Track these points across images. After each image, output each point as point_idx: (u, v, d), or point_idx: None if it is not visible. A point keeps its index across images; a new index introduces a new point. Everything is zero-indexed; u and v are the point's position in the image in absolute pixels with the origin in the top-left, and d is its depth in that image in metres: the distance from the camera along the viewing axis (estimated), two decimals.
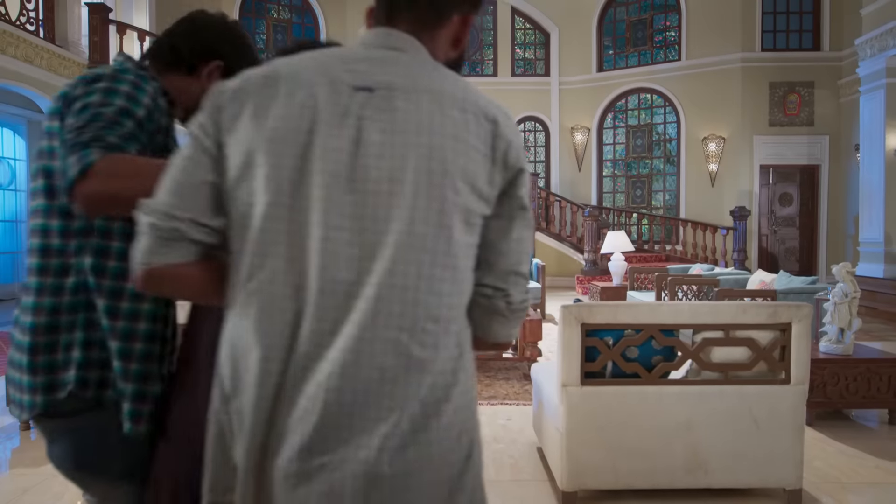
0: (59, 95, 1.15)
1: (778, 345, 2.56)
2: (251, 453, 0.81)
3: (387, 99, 0.84)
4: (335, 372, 0.78)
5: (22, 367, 1.12)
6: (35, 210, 1.15)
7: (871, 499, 2.67)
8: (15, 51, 7.53)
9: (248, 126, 0.83)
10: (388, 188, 0.81)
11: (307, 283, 0.81)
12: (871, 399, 3.56)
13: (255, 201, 0.82)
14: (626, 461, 2.54)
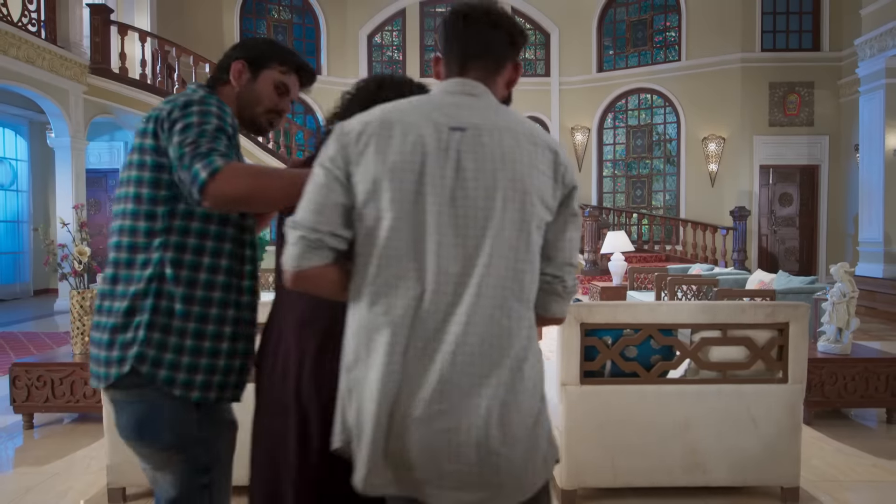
0: (149, 117, 1.35)
1: (775, 344, 2.59)
2: (382, 405, 1.06)
3: (476, 136, 1.12)
4: (450, 341, 1.06)
5: (102, 344, 1.33)
6: (123, 213, 1.36)
7: (867, 497, 2.69)
8: (17, 52, 7.56)
9: (373, 160, 1.10)
10: (484, 204, 1.09)
11: (426, 277, 1.08)
12: (869, 398, 3.59)
13: (382, 216, 1.09)
14: (625, 459, 2.56)
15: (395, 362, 1.06)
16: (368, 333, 1.09)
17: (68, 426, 3.68)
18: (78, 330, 3.73)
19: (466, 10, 1.22)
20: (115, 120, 10.05)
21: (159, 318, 1.31)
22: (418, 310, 1.07)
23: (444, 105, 1.16)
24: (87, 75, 8.93)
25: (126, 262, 1.34)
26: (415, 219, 1.08)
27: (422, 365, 1.06)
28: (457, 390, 1.05)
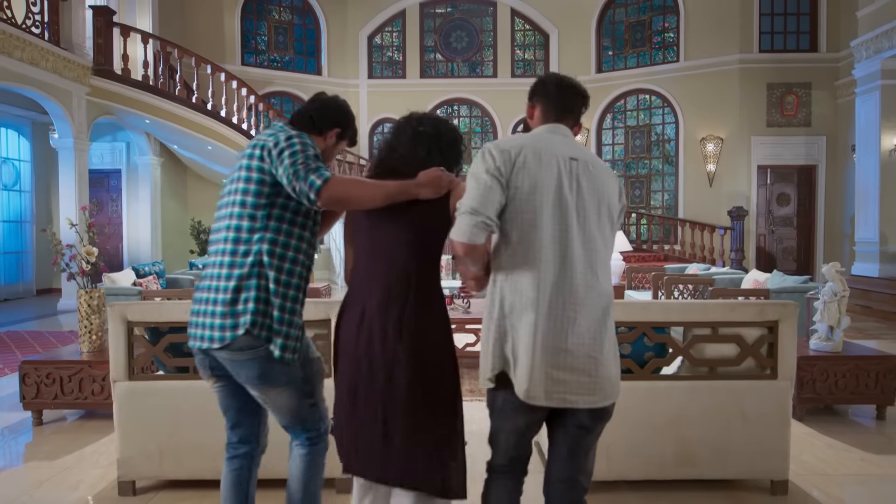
0: (255, 144, 1.83)
1: (765, 341, 2.67)
2: (536, 341, 1.60)
3: (584, 165, 1.70)
4: (580, 298, 1.63)
5: (215, 314, 1.78)
6: (230, 215, 1.83)
7: (854, 490, 2.77)
8: (21, 53, 7.63)
9: (532, 173, 1.64)
10: (595, 211, 1.68)
11: (566, 253, 1.63)
12: (860, 395, 3.67)
13: (538, 212, 1.63)
14: (619, 453, 2.64)
15: (542, 313, 1.60)
16: (522, 292, 1.62)
17: (76, 423, 3.76)
18: (86, 329, 3.81)
19: (564, 79, 1.84)
20: (118, 121, 10.13)
21: (261, 293, 1.77)
22: (560, 278, 1.62)
23: (556, 143, 1.71)
24: (90, 77, 9.01)
25: (231, 252, 1.80)
26: (558, 218, 1.64)
27: (563, 314, 1.60)
28: (584, 332, 1.62)
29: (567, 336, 1.60)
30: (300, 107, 2.00)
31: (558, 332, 1.60)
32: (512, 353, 1.63)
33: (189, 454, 2.67)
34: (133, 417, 2.66)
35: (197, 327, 1.83)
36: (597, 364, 1.63)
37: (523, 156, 1.64)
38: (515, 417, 1.70)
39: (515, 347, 1.62)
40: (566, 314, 1.61)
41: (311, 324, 2.68)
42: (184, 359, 2.71)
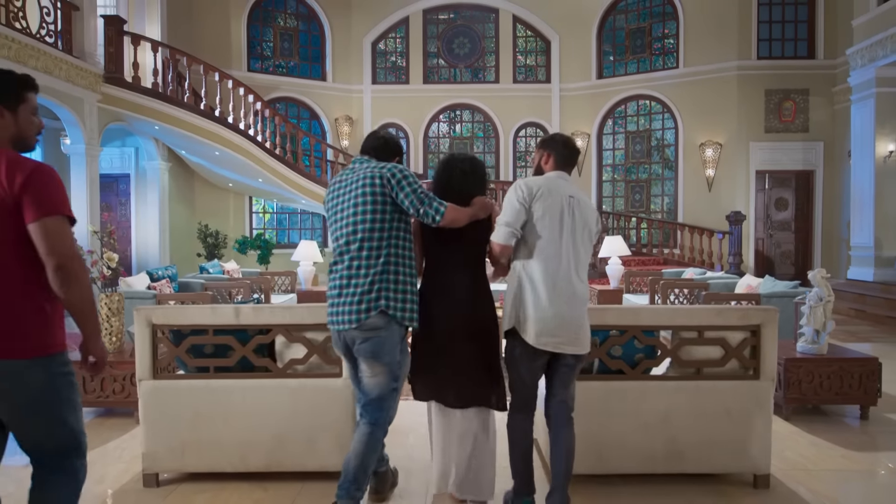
0: (375, 175, 2.45)
1: (749, 344, 2.85)
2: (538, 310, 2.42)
3: (577, 201, 2.52)
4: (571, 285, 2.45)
5: (353, 302, 2.40)
6: (363, 229, 2.43)
7: (832, 484, 2.94)
8: (36, 62, 7.85)
9: (545, 203, 2.46)
10: (581, 232, 2.50)
11: (561, 256, 2.45)
12: (843, 395, 3.84)
13: (546, 228, 2.46)
14: (611, 449, 2.83)
15: (548, 295, 2.41)
16: (533, 277, 2.45)
17: (96, 420, 3.95)
18: (106, 331, 4.00)
19: (569, 140, 2.65)
20: (127, 127, 10.34)
21: (390, 285, 2.42)
22: (557, 270, 2.44)
23: (561, 185, 2.53)
24: (101, 84, 9.22)
25: (366, 256, 2.43)
26: (559, 232, 2.46)
27: (563, 298, 2.42)
28: (570, 305, 2.42)
29: (565, 309, 2.42)
30: (372, 141, 2.66)
31: (562, 307, 2.42)
32: (522, 315, 2.45)
33: (209, 448, 2.86)
34: (157, 414, 2.85)
35: (335, 314, 2.46)
36: (578, 327, 2.45)
37: (541, 192, 2.48)
38: (526, 361, 2.49)
39: (525, 312, 2.44)
40: (562, 295, 2.43)
41: (323, 327, 2.87)
42: (204, 359, 2.90)
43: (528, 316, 2.43)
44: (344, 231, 2.47)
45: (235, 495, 2.80)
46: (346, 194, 2.49)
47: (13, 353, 1.77)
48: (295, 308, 2.91)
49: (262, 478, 2.93)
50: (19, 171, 1.74)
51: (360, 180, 2.46)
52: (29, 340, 1.80)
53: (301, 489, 2.85)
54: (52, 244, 1.76)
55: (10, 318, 1.78)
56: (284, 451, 2.88)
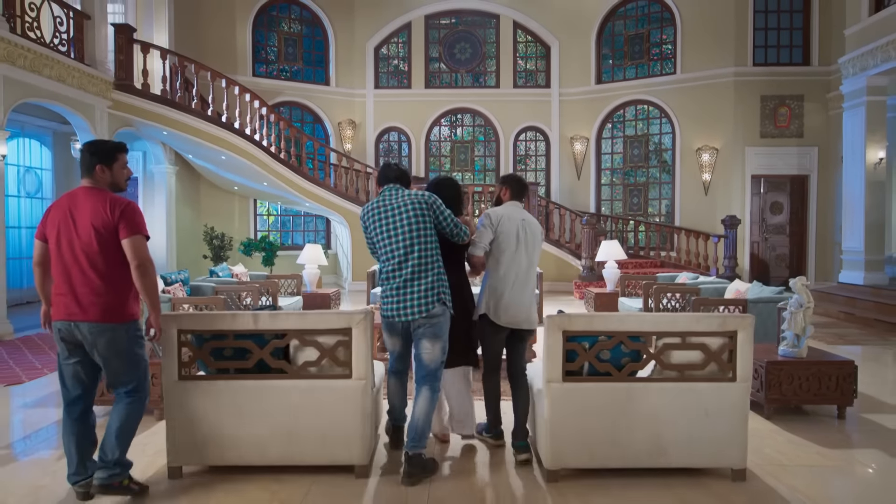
0: (421, 200, 3.25)
1: (726, 349, 3.08)
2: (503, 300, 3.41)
3: (527, 223, 3.52)
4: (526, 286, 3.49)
5: (419, 298, 3.16)
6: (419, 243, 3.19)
7: (805, 478, 3.17)
8: (50, 71, 8.09)
9: (505, 227, 3.44)
10: (532, 246, 3.50)
11: (519, 265, 3.45)
12: (821, 396, 4.08)
13: (507, 245, 3.43)
14: (600, 445, 3.07)
15: (508, 290, 3.39)
16: (502, 281, 3.40)
17: None
18: None
19: (521, 179, 3.65)
20: (136, 132, 10.59)
21: (443, 283, 3.24)
22: (515, 272, 3.41)
23: (516, 212, 3.51)
24: (112, 91, 9.47)
25: (426, 264, 3.20)
26: (515, 246, 3.42)
27: (518, 291, 3.42)
28: (523, 296, 3.44)
29: (519, 299, 3.42)
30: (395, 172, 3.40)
31: (517, 297, 3.42)
32: (493, 304, 3.41)
33: (228, 443, 3.10)
34: (181, 412, 3.09)
35: (404, 306, 3.19)
36: (529, 311, 3.48)
37: (501, 219, 3.46)
38: (495, 335, 3.47)
39: (492, 301, 3.41)
40: (518, 289, 3.43)
41: (335, 332, 3.12)
42: (224, 361, 3.14)
43: (497, 304, 3.39)
44: (402, 244, 3.20)
45: (253, 486, 3.04)
46: (395, 216, 3.24)
47: (114, 318, 2.83)
48: (308, 315, 3.15)
49: (277, 471, 3.18)
50: (117, 207, 2.82)
51: (407, 205, 3.24)
52: (123, 311, 2.86)
53: (313, 481, 3.09)
54: (134, 252, 2.81)
55: (115, 297, 2.83)
56: (297, 446, 3.12)
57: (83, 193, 2.83)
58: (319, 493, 2.98)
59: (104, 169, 2.87)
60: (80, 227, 2.77)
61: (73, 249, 2.78)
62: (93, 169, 2.87)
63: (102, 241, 2.77)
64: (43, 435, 3.92)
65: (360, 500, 2.93)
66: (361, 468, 3.15)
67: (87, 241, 2.77)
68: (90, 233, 2.77)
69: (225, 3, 13.10)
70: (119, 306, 2.83)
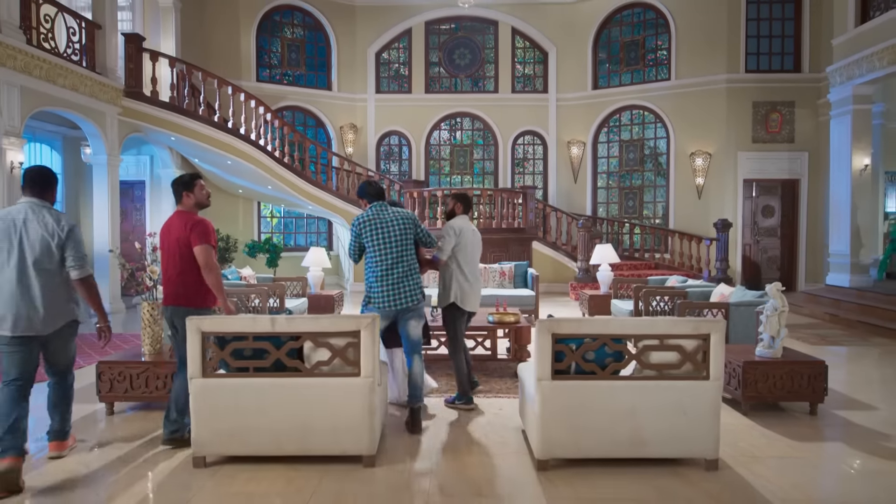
0: (412, 219, 4.24)
1: (700, 350, 3.39)
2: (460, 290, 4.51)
3: (474, 230, 4.68)
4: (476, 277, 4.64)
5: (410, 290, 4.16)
6: (407, 250, 4.18)
7: (772, 468, 3.49)
8: (64, 80, 8.39)
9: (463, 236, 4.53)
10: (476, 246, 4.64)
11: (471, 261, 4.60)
12: (795, 394, 4.39)
13: (463, 247, 4.54)
14: (586, 437, 3.38)
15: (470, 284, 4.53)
16: (462, 273, 4.48)
17: (139, 413, 4.50)
18: (148, 336, 4.55)
19: (469, 198, 4.70)
20: (144, 137, 10.90)
21: (420, 280, 4.26)
22: (472, 269, 4.53)
23: (467, 224, 4.56)
24: (122, 98, 9.77)
25: (412, 266, 4.19)
26: (469, 249, 4.51)
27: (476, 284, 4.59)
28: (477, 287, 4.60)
29: (477, 290, 4.54)
30: (378, 189, 4.25)
31: (476, 289, 4.53)
32: (459, 294, 4.43)
33: (248, 435, 3.41)
34: (205, 407, 3.40)
35: (399, 298, 4.11)
36: (479, 298, 4.59)
37: (462, 229, 4.47)
38: (460, 318, 4.51)
39: (459, 292, 4.44)
40: (476, 283, 4.51)
41: (345, 334, 3.43)
42: (243, 360, 3.45)
43: (463, 295, 4.47)
44: (395, 250, 4.12)
45: (271, 475, 3.35)
46: (389, 228, 4.13)
47: (188, 303, 3.75)
48: (321, 318, 3.46)
49: (293, 461, 3.49)
50: (190, 222, 3.76)
51: (398, 220, 4.17)
52: (199, 300, 3.79)
53: (325, 470, 3.40)
54: (202, 258, 3.72)
55: (194, 289, 3.76)
56: (311, 438, 3.43)
57: (175, 216, 3.86)
58: (331, 481, 3.29)
59: (188, 194, 3.86)
60: (171, 239, 3.78)
61: (167, 254, 3.81)
62: (181, 196, 3.87)
63: (181, 249, 3.73)
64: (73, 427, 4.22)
65: (368, 487, 3.24)
66: (369, 458, 3.46)
67: (174, 251, 3.75)
68: (176, 244, 3.74)
69: (230, 10, 13.41)
70: (199, 296, 3.78)
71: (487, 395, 4.94)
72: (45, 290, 3.32)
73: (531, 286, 8.46)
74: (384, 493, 3.16)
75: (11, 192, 7.55)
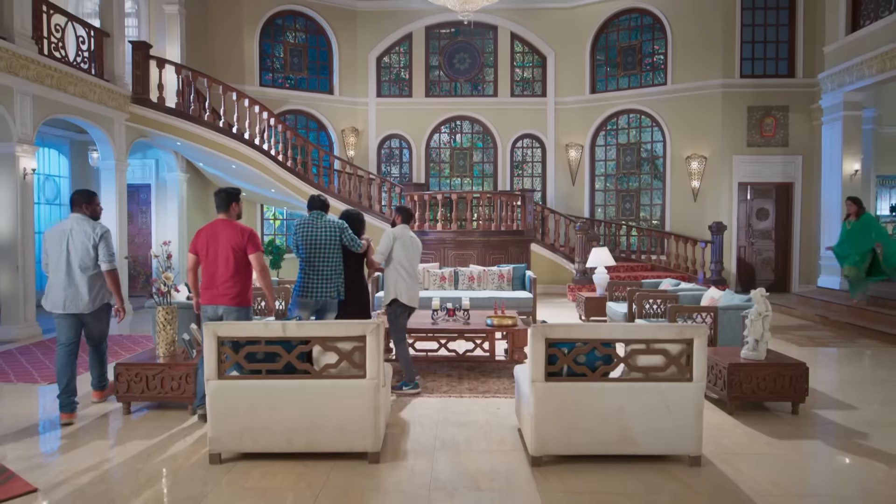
0: (336, 227, 5.02)
1: (684, 353, 3.62)
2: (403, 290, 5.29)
3: (412, 237, 5.43)
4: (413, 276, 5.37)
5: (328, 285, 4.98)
6: (333, 252, 5.00)
7: (751, 463, 3.72)
8: (74, 88, 8.62)
9: (400, 241, 5.27)
10: (416, 252, 5.44)
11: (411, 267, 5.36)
12: (777, 394, 4.63)
13: (399, 252, 5.25)
14: (577, 435, 3.61)
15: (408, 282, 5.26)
16: (401, 274, 5.23)
17: (155, 412, 4.73)
18: (162, 338, 4.78)
19: (409, 209, 5.54)
20: (151, 142, 11.12)
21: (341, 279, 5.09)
22: (410, 269, 5.27)
23: (406, 231, 5.34)
24: (129, 104, 10.00)
25: (336, 266, 5.03)
26: (408, 253, 5.27)
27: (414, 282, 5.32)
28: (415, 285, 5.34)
29: (415, 288, 5.29)
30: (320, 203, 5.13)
31: (414, 286, 5.28)
32: (401, 291, 5.20)
33: (262, 433, 3.64)
34: (221, 406, 3.63)
35: (320, 291, 4.92)
36: (417, 296, 5.36)
37: (398, 236, 5.23)
38: (402, 313, 5.26)
39: (399, 290, 5.20)
40: (413, 281, 5.27)
41: (352, 339, 3.66)
42: (257, 363, 3.68)
43: (402, 291, 5.19)
44: (322, 250, 4.94)
45: (283, 470, 3.59)
46: (319, 232, 4.95)
47: (242, 303, 4.44)
48: (329, 324, 3.69)
49: (303, 457, 3.72)
50: (246, 232, 4.45)
51: (327, 227, 4.97)
52: (246, 297, 4.47)
53: (333, 466, 3.64)
54: (258, 263, 4.45)
55: (243, 288, 4.43)
56: (320, 436, 3.66)
57: (221, 224, 4.45)
58: (339, 475, 3.52)
59: (236, 204, 4.59)
60: (221, 245, 4.36)
61: (216, 258, 4.35)
62: (228, 206, 4.53)
63: (235, 255, 4.37)
64: (93, 425, 4.45)
65: (373, 481, 3.47)
66: (374, 454, 3.69)
67: (227, 255, 4.35)
68: (228, 249, 4.36)
69: (233, 16, 13.62)
70: (246, 295, 4.48)
71: (486, 395, 5.17)
72: (84, 281, 4.48)
73: (529, 289, 8.69)
74: (388, 487, 3.39)
75: (24, 198, 7.78)
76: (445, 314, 6.26)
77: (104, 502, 3.21)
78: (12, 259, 7.71)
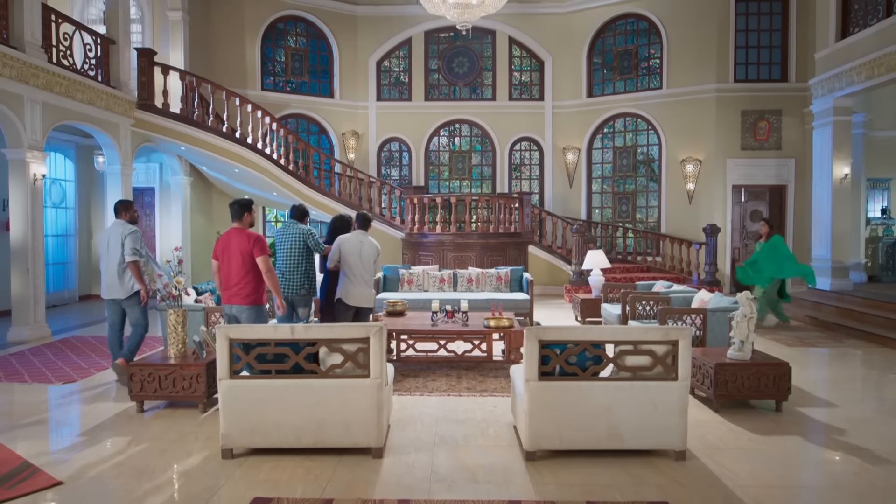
0: (305, 233, 5.90)
1: (670, 354, 3.84)
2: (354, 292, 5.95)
3: (364, 242, 5.97)
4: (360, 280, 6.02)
5: (299, 282, 5.85)
6: (300, 253, 5.87)
7: (733, 457, 3.93)
8: (82, 95, 8.83)
9: (346, 247, 5.91)
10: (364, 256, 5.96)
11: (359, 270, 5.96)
12: (761, 392, 4.85)
13: (349, 256, 5.88)
14: (568, 431, 3.83)
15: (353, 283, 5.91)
16: (350, 278, 5.89)
17: (166, 411, 4.94)
18: (173, 339, 4.99)
19: (368, 216, 6.10)
20: (155, 147, 11.33)
21: (309, 278, 5.90)
22: (359, 272, 5.91)
23: (359, 236, 6.01)
24: (135, 110, 10.21)
25: (301, 263, 5.85)
26: (356, 258, 5.88)
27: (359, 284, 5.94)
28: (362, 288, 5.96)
29: (360, 289, 5.90)
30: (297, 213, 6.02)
31: (359, 287, 5.90)
32: (346, 292, 5.87)
33: (271, 430, 3.86)
34: (232, 404, 3.85)
35: (292, 288, 5.78)
36: (367, 295, 5.95)
37: (344, 241, 5.91)
38: (344, 311, 5.91)
39: (347, 291, 5.87)
40: (359, 283, 5.89)
41: (356, 340, 3.88)
42: (266, 364, 3.90)
43: (347, 292, 5.83)
44: (291, 252, 5.79)
45: (291, 464, 3.80)
46: (290, 237, 5.82)
47: (254, 302, 5.04)
48: (334, 326, 3.91)
49: (310, 452, 3.94)
50: (252, 237, 5.00)
51: (296, 234, 5.83)
52: (257, 297, 5.06)
53: (339, 460, 3.85)
54: (264, 265, 4.97)
55: (254, 288, 5.02)
56: (327, 433, 3.88)
57: (234, 232, 5.04)
58: (344, 470, 3.74)
59: (249, 214, 5.14)
60: (233, 251, 4.96)
61: (230, 263, 4.97)
62: (241, 215, 5.09)
63: (245, 259, 4.95)
64: (108, 423, 4.66)
65: (376, 474, 3.69)
66: (377, 450, 3.91)
67: (238, 260, 4.95)
68: (238, 254, 4.94)
69: (235, 21, 13.83)
70: (257, 293, 5.05)
71: (483, 393, 5.39)
72: (118, 273, 5.60)
73: (526, 290, 8.91)
74: (391, 480, 3.61)
75: (34, 203, 7.99)
76: (444, 316, 6.48)
77: (125, 493, 3.43)
78: (23, 262, 7.91)
